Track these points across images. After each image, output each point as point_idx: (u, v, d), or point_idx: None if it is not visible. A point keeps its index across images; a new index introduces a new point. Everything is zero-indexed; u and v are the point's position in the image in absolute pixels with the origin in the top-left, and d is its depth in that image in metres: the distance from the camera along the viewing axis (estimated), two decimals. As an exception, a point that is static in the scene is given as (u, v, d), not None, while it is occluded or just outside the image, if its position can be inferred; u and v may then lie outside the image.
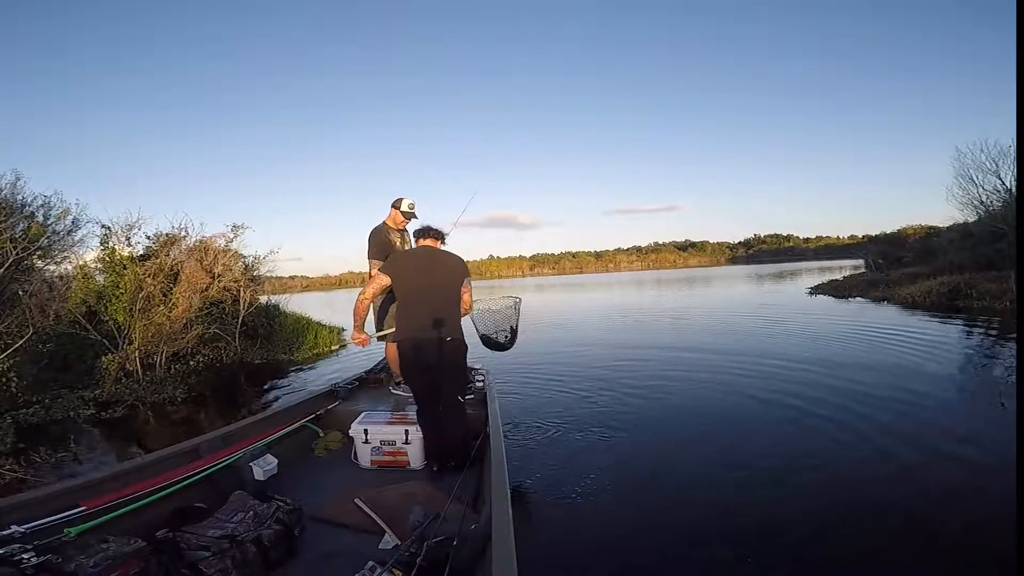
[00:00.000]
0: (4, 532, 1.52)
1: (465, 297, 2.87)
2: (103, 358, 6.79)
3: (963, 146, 17.82)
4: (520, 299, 3.96)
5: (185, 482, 2.14)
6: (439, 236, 2.95)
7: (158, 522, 1.85)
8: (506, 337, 3.76)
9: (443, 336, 2.67)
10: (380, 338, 3.61)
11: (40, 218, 13.32)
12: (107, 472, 2.00)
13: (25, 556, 1.39)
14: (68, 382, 6.65)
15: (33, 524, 1.58)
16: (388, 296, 3.51)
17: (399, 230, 3.83)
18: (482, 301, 3.95)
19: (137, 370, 6.94)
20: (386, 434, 2.84)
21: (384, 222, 3.82)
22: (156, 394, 6.30)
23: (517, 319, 3.86)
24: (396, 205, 3.77)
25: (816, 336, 8.48)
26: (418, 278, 2.73)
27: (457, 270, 2.83)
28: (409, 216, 3.76)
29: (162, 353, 7.35)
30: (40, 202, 13.28)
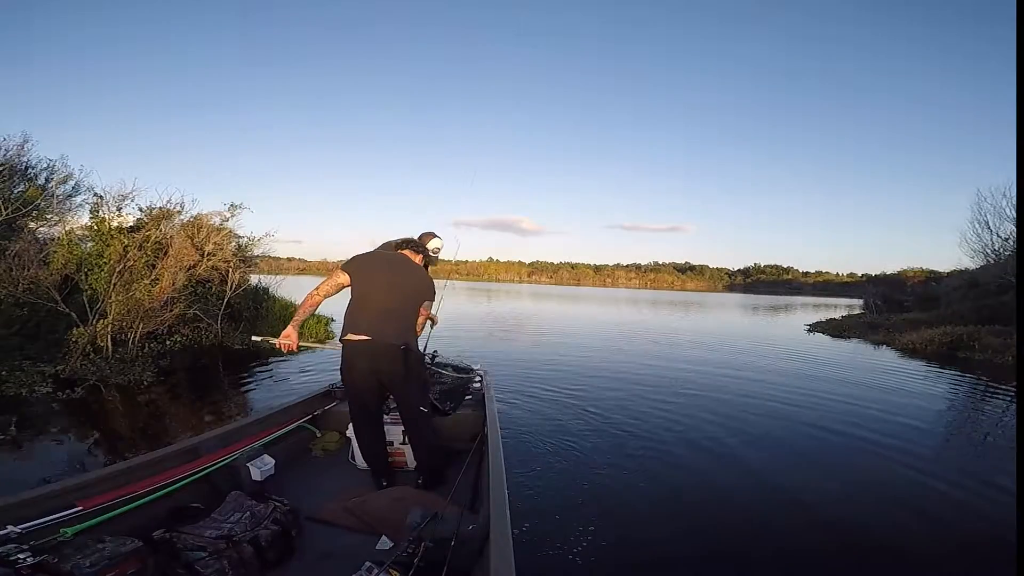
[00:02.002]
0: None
1: (419, 319, 2.62)
2: (74, 330, 6.45)
3: (984, 189, 17.66)
4: (487, 373, 3.67)
5: (182, 482, 2.11)
6: (419, 251, 2.74)
7: (155, 522, 1.84)
8: (447, 404, 3.24)
9: (396, 342, 2.42)
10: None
11: (42, 181, 13.10)
12: (103, 472, 1.98)
13: (21, 556, 1.38)
14: (34, 353, 6.30)
15: (29, 524, 1.56)
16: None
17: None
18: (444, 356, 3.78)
19: (107, 346, 6.61)
20: (385, 434, 2.75)
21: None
22: (123, 375, 5.93)
23: (462, 395, 3.45)
24: (423, 240, 3.09)
25: (822, 374, 8.34)
26: (378, 279, 2.49)
27: (424, 285, 2.60)
28: (431, 260, 3.15)
29: (137, 330, 7.02)
30: (44, 165, 13.12)
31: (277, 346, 2.54)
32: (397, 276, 2.53)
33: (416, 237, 3.11)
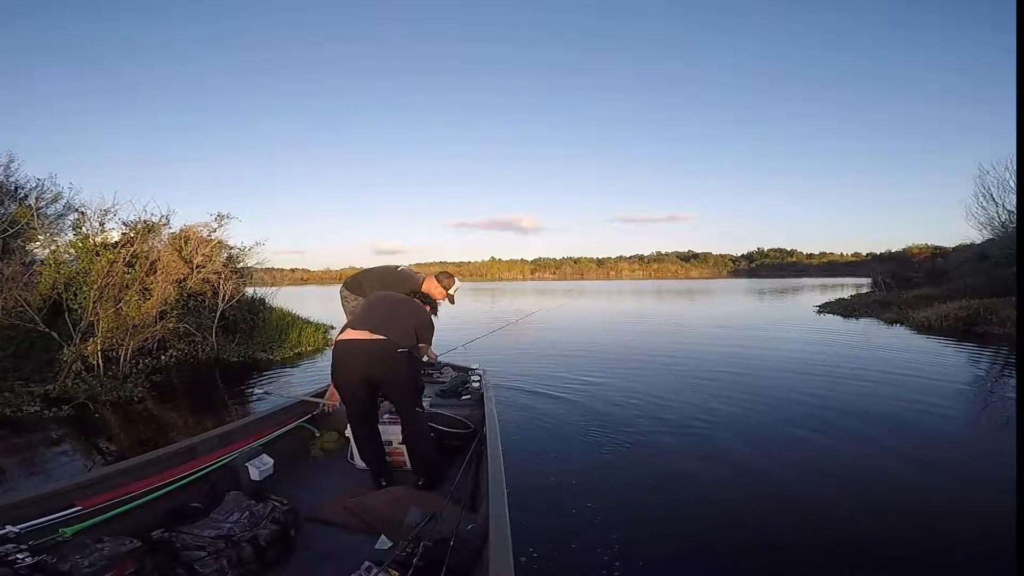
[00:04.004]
0: None
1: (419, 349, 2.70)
2: (64, 349, 6.28)
3: (986, 163, 17.41)
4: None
5: (181, 482, 2.12)
6: (427, 302, 2.87)
7: (153, 522, 1.84)
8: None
9: (398, 340, 2.43)
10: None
11: (32, 201, 12.97)
12: (102, 472, 1.98)
13: (20, 556, 1.38)
14: (27, 373, 6.16)
15: (28, 524, 1.57)
16: None
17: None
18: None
19: (98, 364, 6.43)
20: (383, 434, 2.74)
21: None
22: (113, 392, 5.78)
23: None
24: (444, 283, 3.00)
25: (839, 356, 8.06)
26: (376, 305, 2.62)
27: (424, 320, 2.69)
28: (450, 299, 3.11)
29: (128, 347, 6.83)
30: (33, 184, 12.97)
31: (327, 408, 3.00)
32: (398, 307, 2.64)
33: (435, 276, 3.07)
